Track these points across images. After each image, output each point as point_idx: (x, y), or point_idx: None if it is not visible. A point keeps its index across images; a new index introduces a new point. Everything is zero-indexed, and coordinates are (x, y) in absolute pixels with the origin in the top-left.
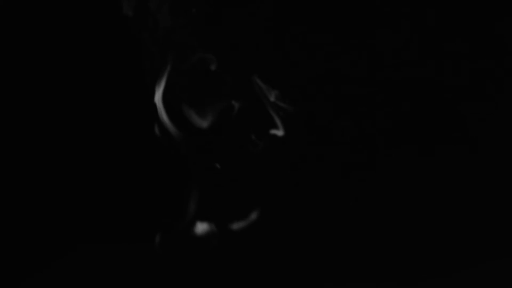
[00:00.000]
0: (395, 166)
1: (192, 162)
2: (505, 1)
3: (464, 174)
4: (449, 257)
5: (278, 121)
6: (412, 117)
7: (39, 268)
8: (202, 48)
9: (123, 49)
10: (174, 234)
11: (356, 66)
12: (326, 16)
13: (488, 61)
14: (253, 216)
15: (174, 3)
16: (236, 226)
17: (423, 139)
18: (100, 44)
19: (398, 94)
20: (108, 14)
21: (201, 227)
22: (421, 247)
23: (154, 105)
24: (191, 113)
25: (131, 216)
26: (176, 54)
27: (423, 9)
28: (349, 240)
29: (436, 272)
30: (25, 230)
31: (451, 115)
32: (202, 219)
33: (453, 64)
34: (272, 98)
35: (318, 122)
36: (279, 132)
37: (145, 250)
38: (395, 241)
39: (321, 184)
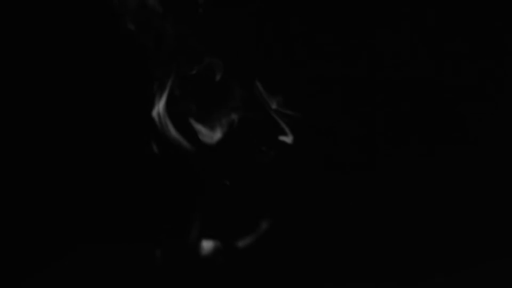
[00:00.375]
0: (395, 166)
1: (200, 174)
2: (505, 1)
3: (464, 174)
4: (449, 257)
5: (285, 127)
6: (412, 117)
7: (39, 268)
8: (206, 53)
9: (128, 60)
10: (177, 247)
11: (356, 66)
12: (326, 17)
13: (488, 61)
14: (262, 227)
15: (178, 11)
16: (242, 242)
17: (423, 139)
18: (106, 55)
19: (398, 94)
20: (112, 26)
21: (206, 244)
22: (421, 247)
23: (154, 118)
24: (199, 126)
25: (131, 216)
26: (181, 64)
27: (423, 9)
28: (349, 240)
29: (436, 272)
30: (25, 230)
31: (451, 115)
32: (208, 234)
33: (453, 64)
34: (274, 105)
35: (319, 125)
36: (288, 139)
37: (145, 250)
38: (395, 241)
39: (320, 184)
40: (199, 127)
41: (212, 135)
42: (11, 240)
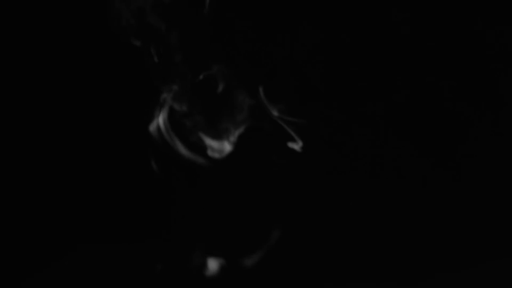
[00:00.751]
0: (395, 166)
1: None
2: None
3: (464, 174)
4: (449, 257)
5: (293, 134)
6: (412, 117)
7: (39, 268)
8: (210, 62)
9: (132, 73)
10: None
11: (356, 66)
12: (325, 18)
13: (488, 61)
14: (270, 242)
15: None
16: (249, 260)
17: (423, 139)
18: (110, 69)
19: (399, 96)
20: (116, 41)
21: (212, 263)
22: (421, 247)
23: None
24: (208, 140)
25: (131, 216)
26: (185, 76)
27: (423, 10)
28: (349, 240)
29: (436, 272)
30: (25, 230)
31: (451, 116)
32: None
33: (453, 66)
34: (276, 113)
35: (321, 128)
36: (297, 145)
37: (145, 250)
38: (395, 241)
39: (320, 184)
40: (208, 141)
41: (221, 148)
42: (11, 240)
